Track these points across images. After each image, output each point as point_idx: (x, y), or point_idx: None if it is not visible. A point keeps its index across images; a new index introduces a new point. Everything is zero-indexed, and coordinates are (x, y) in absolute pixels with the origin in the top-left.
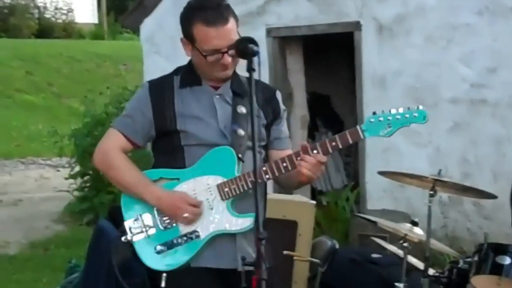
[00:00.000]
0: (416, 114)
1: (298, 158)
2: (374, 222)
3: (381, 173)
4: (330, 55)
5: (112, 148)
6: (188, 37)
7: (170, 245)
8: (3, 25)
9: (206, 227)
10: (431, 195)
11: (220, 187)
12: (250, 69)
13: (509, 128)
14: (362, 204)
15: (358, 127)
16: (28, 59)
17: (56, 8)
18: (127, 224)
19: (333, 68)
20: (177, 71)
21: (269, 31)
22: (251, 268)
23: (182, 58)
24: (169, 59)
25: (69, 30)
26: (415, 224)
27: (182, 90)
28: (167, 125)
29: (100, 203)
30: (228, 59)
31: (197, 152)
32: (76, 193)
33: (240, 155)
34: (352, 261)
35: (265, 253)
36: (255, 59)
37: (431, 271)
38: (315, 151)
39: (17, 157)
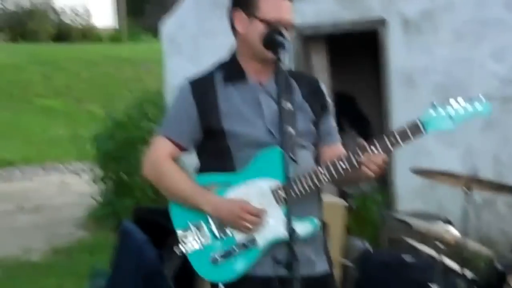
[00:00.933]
0: (480, 108)
1: (358, 158)
2: (407, 222)
3: (415, 171)
4: (356, 54)
5: (161, 157)
6: (249, 7)
7: (226, 255)
8: (21, 29)
9: (263, 235)
10: (466, 193)
11: (275, 191)
12: (278, 59)
13: None
14: (392, 206)
15: (418, 121)
16: (47, 63)
17: (74, 12)
18: (179, 234)
19: (358, 67)
20: (218, 66)
21: None
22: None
23: (204, 57)
24: (191, 59)
25: (88, 34)
26: (449, 222)
27: (226, 87)
28: (213, 125)
29: (123, 207)
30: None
31: (245, 153)
32: (98, 198)
33: (292, 156)
34: (384, 263)
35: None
36: (284, 50)
37: (466, 272)
38: (373, 150)
39: (37, 162)
